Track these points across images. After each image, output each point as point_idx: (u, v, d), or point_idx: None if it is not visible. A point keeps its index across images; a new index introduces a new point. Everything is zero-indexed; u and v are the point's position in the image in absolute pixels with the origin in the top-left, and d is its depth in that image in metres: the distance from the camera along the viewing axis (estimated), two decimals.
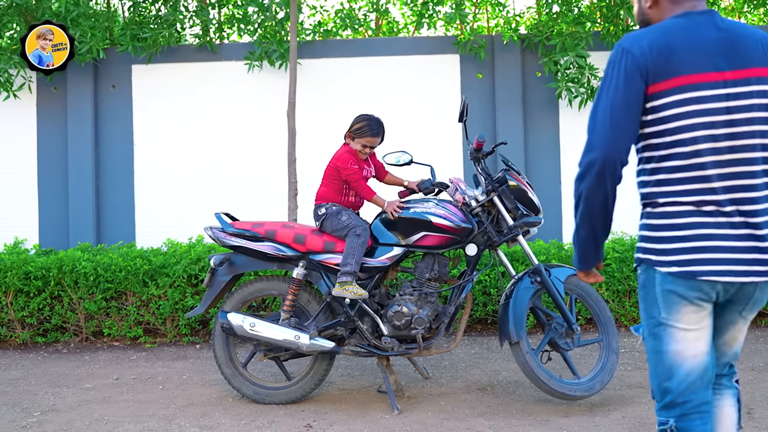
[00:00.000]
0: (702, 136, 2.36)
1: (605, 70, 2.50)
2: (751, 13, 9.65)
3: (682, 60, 2.38)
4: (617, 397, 4.95)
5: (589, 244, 2.67)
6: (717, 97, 2.36)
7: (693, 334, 2.44)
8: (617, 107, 2.42)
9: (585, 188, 2.49)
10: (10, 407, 5.06)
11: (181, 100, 7.92)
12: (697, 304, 2.42)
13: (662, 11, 2.56)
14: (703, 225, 2.40)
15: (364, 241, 4.76)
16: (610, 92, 2.44)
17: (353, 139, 4.96)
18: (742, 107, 2.37)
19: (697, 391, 2.46)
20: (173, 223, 7.72)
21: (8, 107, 7.82)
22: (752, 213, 2.39)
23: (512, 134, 7.63)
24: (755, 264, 2.37)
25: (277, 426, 4.56)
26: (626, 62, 2.42)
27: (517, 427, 4.44)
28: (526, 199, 4.90)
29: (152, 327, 6.87)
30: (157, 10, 8.08)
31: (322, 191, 5.04)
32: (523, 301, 4.81)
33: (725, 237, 2.38)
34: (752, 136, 2.39)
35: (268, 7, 7.77)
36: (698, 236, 2.39)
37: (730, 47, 2.41)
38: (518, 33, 7.75)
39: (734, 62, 2.39)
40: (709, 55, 2.38)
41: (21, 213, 7.84)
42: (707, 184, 2.38)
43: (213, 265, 5.06)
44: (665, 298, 2.46)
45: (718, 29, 2.43)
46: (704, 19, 2.45)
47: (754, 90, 2.39)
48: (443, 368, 5.82)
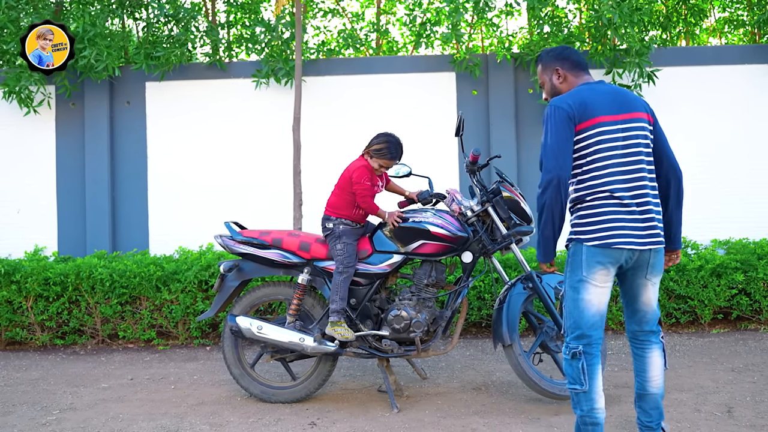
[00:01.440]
0: (609, 155, 3.50)
1: (545, 120, 3.60)
2: (731, 33, 9.69)
3: (593, 108, 3.53)
4: (605, 397, 4.91)
5: (551, 241, 3.62)
6: (616, 130, 3.51)
7: (600, 289, 3.52)
8: (560, 142, 3.52)
9: (547, 198, 3.53)
10: (30, 406, 5.06)
11: (192, 116, 7.91)
12: (607, 268, 3.50)
13: (569, 84, 3.78)
14: (613, 213, 3.47)
15: (347, 276, 4.78)
16: (553, 133, 3.54)
17: (372, 157, 4.91)
18: (631, 136, 3.53)
19: (597, 329, 3.56)
20: (185, 232, 7.71)
21: (28, 122, 7.82)
22: (642, 204, 3.49)
23: (506, 148, 7.62)
24: (647, 237, 3.49)
25: (283, 424, 4.57)
26: (559, 114, 3.54)
27: (510, 425, 4.44)
28: (518, 209, 4.90)
29: (165, 330, 6.87)
30: (170, 30, 8.09)
31: (333, 201, 4.99)
32: (515, 305, 4.82)
33: (627, 220, 3.47)
34: (639, 155, 3.52)
35: (275, 27, 7.79)
36: (610, 220, 3.47)
37: (618, 99, 3.59)
38: (511, 52, 7.73)
39: (623, 109, 3.56)
40: (607, 104, 3.55)
41: (41, 222, 7.82)
42: (614, 185, 3.47)
43: (222, 272, 5.07)
44: (588, 262, 3.51)
45: (608, 90, 3.63)
46: (598, 84, 3.67)
47: (637, 125, 3.56)
48: (440, 369, 5.82)
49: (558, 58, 3.83)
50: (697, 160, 7.64)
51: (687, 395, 4.92)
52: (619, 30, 7.18)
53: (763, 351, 6.03)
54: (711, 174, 7.64)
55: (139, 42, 8.19)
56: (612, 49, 7.47)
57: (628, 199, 3.46)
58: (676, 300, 6.73)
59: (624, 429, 4.32)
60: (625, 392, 5.01)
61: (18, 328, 6.78)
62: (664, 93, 7.67)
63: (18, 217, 7.82)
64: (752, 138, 7.66)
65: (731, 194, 7.62)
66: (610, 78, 7.54)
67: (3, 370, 6.12)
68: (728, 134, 7.67)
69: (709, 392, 4.97)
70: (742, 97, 7.69)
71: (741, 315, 6.82)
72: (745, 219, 7.57)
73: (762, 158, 7.64)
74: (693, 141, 7.66)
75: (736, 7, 9.53)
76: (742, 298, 6.69)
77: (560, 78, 3.80)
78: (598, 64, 7.58)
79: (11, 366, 6.24)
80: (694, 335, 6.64)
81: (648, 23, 8.31)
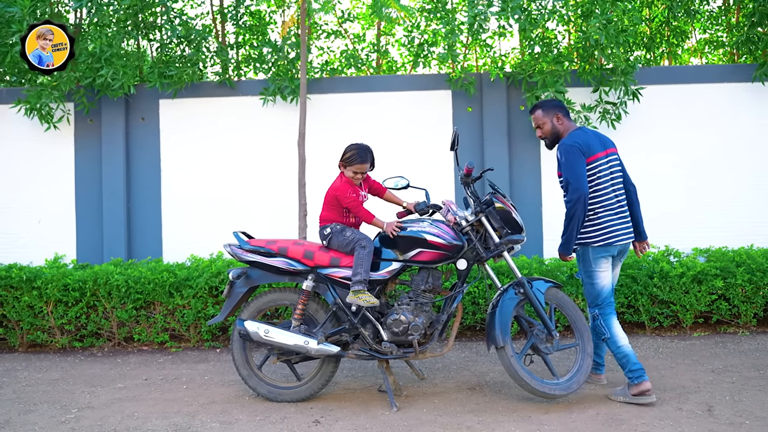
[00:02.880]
0: (603, 180, 4.83)
1: (565, 154, 4.78)
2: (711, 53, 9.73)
3: (593, 147, 4.83)
4: (592, 396, 4.96)
5: (573, 240, 4.84)
6: (604, 162, 4.85)
7: (605, 273, 4.88)
8: (581, 170, 4.74)
9: (576, 210, 4.73)
10: (50, 405, 5.08)
11: (203, 131, 7.92)
12: (608, 259, 4.88)
13: (564, 126, 5.02)
14: (610, 219, 4.83)
15: (369, 251, 4.80)
16: (575, 164, 4.74)
17: (346, 167, 4.98)
18: (612, 165, 4.89)
19: (609, 297, 4.92)
20: (196, 241, 7.71)
21: (49, 137, 7.84)
22: (625, 212, 4.91)
23: (498, 161, 7.64)
24: (629, 233, 4.90)
25: (289, 421, 4.58)
26: (576, 151, 4.76)
27: (503, 423, 4.46)
28: (510, 219, 4.93)
29: (177, 333, 6.88)
30: (182, 50, 8.12)
31: (325, 214, 5.06)
32: (508, 310, 4.83)
33: (619, 223, 4.85)
34: (617, 178, 4.91)
35: (281, 48, 7.82)
36: (609, 225, 4.82)
37: (601, 139, 4.94)
38: (504, 71, 7.73)
39: (605, 146, 4.91)
40: (597, 144, 4.87)
41: (60, 231, 7.83)
42: (609, 200, 4.85)
43: (231, 278, 5.09)
44: (595, 258, 4.86)
45: (593, 132, 4.97)
46: (585, 128, 5.00)
47: (614, 157, 4.92)
48: (437, 370, 5.83)
49: (557, 107, 5.08)
50: (679, 173, 7.66)
51: (669, 395, 4.94)
52: (605, 50, 7.20)
53: (741, 353, 6.04)
54: (692, 186, 7.65)
55: (153, 62, 8.22)
56: (599, 68, 7.48)
57: (618, 209, 4.87)
58: (660, 305, 6.74)
59: (611, 427, 4.34)
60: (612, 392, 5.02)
61: (39, 331, 6.79)
62: (649, 110, 7.69)
63: (39, 227, 7.83)
64: (731, 152, 7.67)
65: (711, 205, 7.63)
66: (597, 95, 7.57)
67: (25, 371, 6.13)
68: (708, 148, 7.69)
69: (691, 392, 4.99)
70: (721, 113, 7.71)
71: (721, 319, 6.83)
72: (724, 228, 7.58)
73: (740, 171, 7.65)
74: (675, 155, 7.69)
75: (716, 29, 9.56)
76: (721, 303, 6.70)
77: (559, 121, 5.02)
78: (586, 83, 7.61)
79: (32, 367, 6.25)
80: (676, 338, 6.65)
81: (633, 44, 8.34)
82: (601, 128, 7.60)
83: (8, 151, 7.89)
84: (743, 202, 7.64)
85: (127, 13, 7.84)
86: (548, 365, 4.93)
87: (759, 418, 4.40)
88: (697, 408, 4.63)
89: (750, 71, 7.72)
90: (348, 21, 9.20)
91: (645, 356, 6.03)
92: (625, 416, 4.49)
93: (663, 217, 7.59)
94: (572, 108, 7.40)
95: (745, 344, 6.35)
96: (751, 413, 4.50)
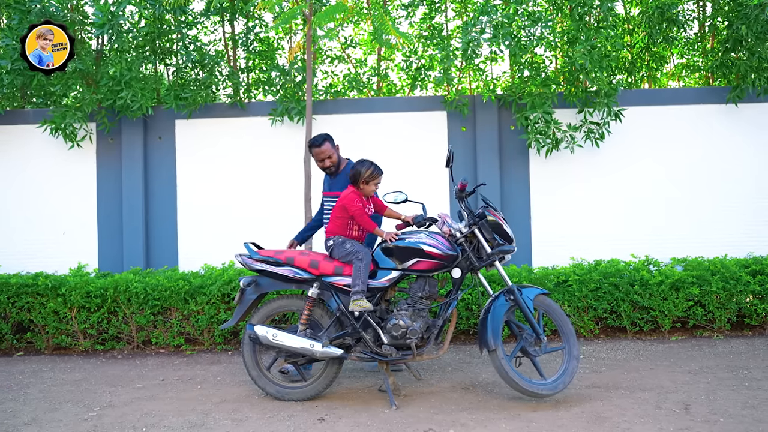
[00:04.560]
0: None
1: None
2: (688, 77, 9.78)
3: None
4: (577, 395, 4.98)
5: None
6: None
7: None
8: None
9: None
10: (74, 403, 5.10)
11: (216, 149, 7.95)
12: None
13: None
14: None
15: (366, 263, 4.83)
16: None
17: (367, 183, 4.99)
18: None
19: None
20: (209, 251, 7.73)
21: (73, 155, 7.89)
22: None
23: (490, 177, 7.66)
24: None
25: (296, 419, 4.60)
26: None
27: (495, 420, 4.48)
28: (501, 231, 4.94)
29: (192, 337, 6.89)
30: (196, 74, 8.16)
31: (331, 227, 5.09)
32: (499, 315, 4.84)
33: None
34: None
35: (288, 72, 7.87)
36: None
37: None
38: (495, 93, 7.77)
39: None
40: None
41: (83, 242, 7.86)
42: None
43: (242, 286, 5.11)
44: None
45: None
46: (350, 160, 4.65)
47: None
48: (433, 371, 5.84)
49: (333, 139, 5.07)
50: (658, 188, 7.71)
51: (649, 394, 4.96)
52: (590, 74, 7.25)
53: (716, 356, 6.06)
54: (670, 199, 7.69)
55: (169, 84, 8.24)
56: (584, 90, 7.52)
57: None
58: (640, 311, 6.76)
59: (594, 424, 4.37)
60: (596, 392, 5.05)
61: (63, 335, 6.81)
62: (630, 130, 7.74)
63: (63, 238, 7.86)
64: (706, 168, 7.71)
65: (687, 218, 7.67)
66: (582, 116, 7.62)
67: (50, 372, 6.15)
68: (685, 165, 7.73)
69: (669, 391, 5.02)
70: (697, 133, 7.75)
71: (697, 324, 6.84)
72: (699, 239, 7.61)
73: (714, 186, 7.69)
74: (654, 171, 7.73)
75: (692, 55, 9.59)
76: (697, 309, 6.72)
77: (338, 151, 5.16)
78: (572, 104, 7.65)
79: (57, 368, 6.26)
80: (656, 341, 6.67)
81: (615, 68, 8.38)
82: (586, 146, 7.65)
83: (35, 168, 7.94)
84: (717, 215, 7.68)
85: (145, 40, 7.90)
86: (536, 367, 4.95)
87: (732, 416, 4.43)
88: (675, 406, 4.66)
89: (724, 94, 7.79)
90: (350, 47, 9.24)
91: (626, 358, 6.05)
92: (608, 414, 4.52)
93: (643, 228, 7.64)
94: (559, 128, 7.46)
95: (720, 347, 6.37)
96: (725, 411, 4.53)
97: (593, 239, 7.66)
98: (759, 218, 7.67)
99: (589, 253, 7.51)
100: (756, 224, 7.67)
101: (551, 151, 7.54)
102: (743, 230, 7.66)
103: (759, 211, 7.68)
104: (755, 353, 6.13)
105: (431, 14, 8.26)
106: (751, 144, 7.75)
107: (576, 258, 7.34)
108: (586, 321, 6.75)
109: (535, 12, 7.40)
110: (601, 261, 7.07)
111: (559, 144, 7.51)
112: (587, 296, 6.67)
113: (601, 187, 7.74)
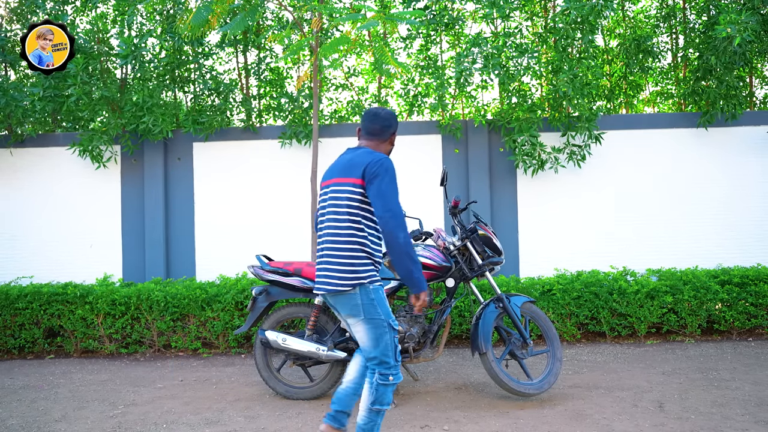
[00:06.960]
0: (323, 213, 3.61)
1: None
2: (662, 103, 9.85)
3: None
4: (561, 395, 5.00)
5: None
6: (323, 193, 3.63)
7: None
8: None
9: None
10: (100, 402, 5.12)
11: (230, 169, 7.96)
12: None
13: None
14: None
15: None
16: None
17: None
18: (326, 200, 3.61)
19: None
20: (224, 262, 7.74)
21: (99, 175, 7.92)
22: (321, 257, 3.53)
23: (481, 195, 7.68)
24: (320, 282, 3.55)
25: (303, 416, 4.62)
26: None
27: (485, 417, 4.50)
28: (491, 244, 4.98)
29: (208, 341, 6.90)
30: (212, 100, 8.19)
31: None
32: (489, 321, 4.86)
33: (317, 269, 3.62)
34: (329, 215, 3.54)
35: (297, 98, 7.90)
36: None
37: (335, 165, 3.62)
38: (486, 118, 7.80)
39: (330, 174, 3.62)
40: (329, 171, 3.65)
41: (109, 254, 7.86)
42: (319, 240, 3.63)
43: (254, 295, 5.15)
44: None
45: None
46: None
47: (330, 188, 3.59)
48: (429, 372, 5.85)
49: None
50: (635, 205, 7.75)
51: (626, 393, 4.99)
52: (572, 101, 7.28)
53: (688, 358, 6.08)
54: (645, 215, 7.73)
55: (187, 110, 8.27)
56: (567, 116, 7.55)
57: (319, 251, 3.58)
58: (618, 317, 6.79)
59: (576, 420, 4.40)
60: (578, 391, 5.06)
61: (90, 339, 6.83)
62: (609, 151, 7.79)
63: (91, 251, 7.87)
64: (678, 187, 7.75)
65: (661, 232, 7.69)
66: (565, 139, 7.67)
67: (78, 373, 6.16)
68: (659, 184, 7.75)
69: (645, 391, 5.04)
70: (671, 154, 7.78)
71: (670, 329, 6.87)
72: (672, 252, 7.64)
73: (687, 202, 7.73)
74: (631, 189, 7.77)
75: (666, 83, 9.67)
76: (671, 316, 6.75)
77: None
78: (556, 128, 7.70)
79: (85, 370, 6.28)
80: (632, 345, 6.69)
81: (596, 95, 8.42)
82: (569, 167, 7.70)
83: (65, 187, 7.96)
84: (688, 230, 7.71)
85: (165, 69, 7.95)
86: (524, 368, 4.97)
87: (702, 413, 4.46)
88: (650, 405, 4.69)
89: (695, 119, 7.84)
90: (353, 76, 9.31)
91: (606, 361, 6.08)
92: (589, 412, 4.55)
93: (621, 242, 7.68)
94: (544, 150, 7.51)
95: (691, 351, 6.39)
96: (696, 409, 4.56)
97: (575, 252, 7.69)
98: (727, 232, 7.71)
99: (571, 265, 7.56)
100: (724, 238, 7.70)
101: (537, 171, 7.57)
102: (713, 243, 7.69)
103: (727, 225, 7.72)
104: (723, 356, 6.15)
105: (427, 46, 8.31)
106: (720, 165, 7.80)
107: (559, 269, 7.39)
108: (569, 326, 6.77)
109: (522, 44, 7.45)
110: (583, 272, 7.10)
111: (544, 165, 7.55)
112: (570, 304, 6.70)
113: (582, 204, 7.78)
